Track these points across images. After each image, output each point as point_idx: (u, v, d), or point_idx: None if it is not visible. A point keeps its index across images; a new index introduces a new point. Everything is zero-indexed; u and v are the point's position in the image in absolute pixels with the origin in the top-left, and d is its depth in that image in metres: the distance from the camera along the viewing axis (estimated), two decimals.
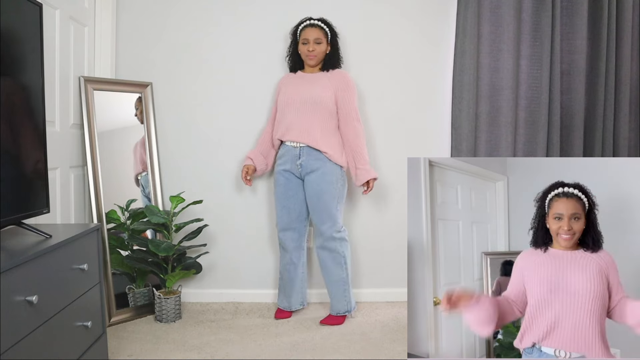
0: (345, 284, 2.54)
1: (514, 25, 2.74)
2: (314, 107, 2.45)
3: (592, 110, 2.85)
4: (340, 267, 2.52)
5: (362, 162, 2.47)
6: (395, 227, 2.83)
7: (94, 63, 2.65)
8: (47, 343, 1.44)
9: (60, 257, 1.55)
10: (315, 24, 2.51)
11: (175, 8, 2.78)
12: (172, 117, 2.80)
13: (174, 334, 2.38)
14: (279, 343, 2.29)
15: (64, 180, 2.35)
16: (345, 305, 2.55)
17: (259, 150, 2.64)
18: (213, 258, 2.84)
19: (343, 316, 2.57)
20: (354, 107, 2.50)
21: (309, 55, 2.50)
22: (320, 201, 2.45)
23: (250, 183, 2.64)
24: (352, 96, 2.51)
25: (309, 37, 2.49)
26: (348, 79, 2.53)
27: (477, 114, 2.80)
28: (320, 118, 2.45)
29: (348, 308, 2.55)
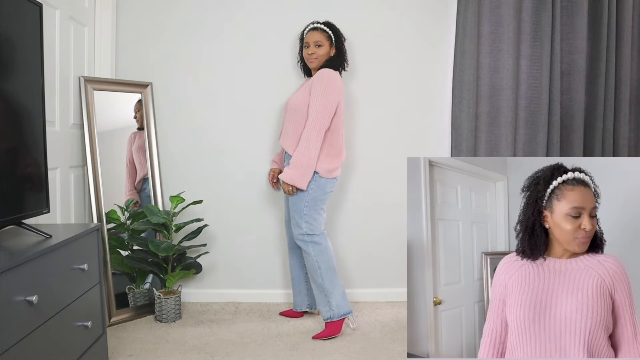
0: (322, 289, 2.40)
1: (514, 25, 2.74)
2: (294, 112, 2.42)
3: (592, 110, 2.85)
4: (315, 272, 2.40)
5: (291, 161, 2.34)
6: (395, 227, 2.83)
7: (94, 63, 2.65)
8: (47, 343, 1.44)
9: (60, 257, 1.55)
10: (317, 27, 2.50)
11: (175, 8, 2.78)
12: (172, 116, 2.80)
13: (174, 334, 2.38)
14: (279, 343, 2.29)
15: (64, 180, 2.35)
16: (328, 310, 2.39)
17: (282, 152, 2.68)
18: (213, 258, 2.84)
19: (335, 325, 2.40)
20: (315, 106, 2.32)
21: (309, 58, 2.50)
22: (289, 204, 2.44)
23: (277, 186, 2.71)
24: (316, 94, 2.33)
25: (309, 40, 2.49)
26: (321, 76, 2.36)
27: (477, 114, 2.80)
28: (296, 123, 2.41)
29: (331, 315, 2.39)
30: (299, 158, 2.31)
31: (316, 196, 2.38)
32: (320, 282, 2.40)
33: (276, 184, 2.72)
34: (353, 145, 2.84)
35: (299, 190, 2.36)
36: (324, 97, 2.33)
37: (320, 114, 2.32)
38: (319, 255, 2.40)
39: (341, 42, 2.53)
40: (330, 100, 2.34)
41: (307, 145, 2.30)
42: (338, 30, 2.53)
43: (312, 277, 2.44)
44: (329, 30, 2.49)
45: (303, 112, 2.38)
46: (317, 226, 2.40)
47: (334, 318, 2.39)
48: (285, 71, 2.79)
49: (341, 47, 2.53)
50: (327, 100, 2.33)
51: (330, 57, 2.49)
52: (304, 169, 2.31)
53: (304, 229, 2.39)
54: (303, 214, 2.38)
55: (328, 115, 2.34)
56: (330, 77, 2.36)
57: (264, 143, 2.83)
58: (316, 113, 2.32)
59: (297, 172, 2.31)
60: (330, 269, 2.41)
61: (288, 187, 2.35)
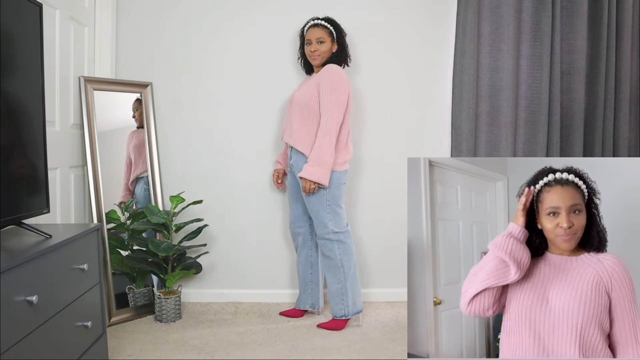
0: (341, 288, 2.44)
1: (514, 25, 2.74)
2: (301, 108, 2.43)
3: (592, 110, 2.85)
4: (338, 271, 2.44)
5: (310, 159, 2.35)
6: (395, 227, 2.83)
7: (94, 63, 2.65)
8: (47, 343, 1.44)
9: (60, 257, 1.55)
10: (318, 23, 2.49)
11: (175, 8, 2.78)
12: (172, 116, 2.80)
13: (174, 334, 2.38)
14: (279, 343, 2.29)
15: (64, 180, 2.35)
16: (342, 308, 2.46)
17: (285, 152, 2.68)
18: (213, 258, 2.84)
19: (343, 320, 2.48)
20: (328, 103, 2.34)
21: (311, 55, 2.49)
22: (309, 204, 2.43)
23: (282, 186, 2.72)
24: (328, 91, 2.35)
25: (311, 37, 2.48)
26: (330, 72, 2.39)
27: (477, 114, 2.80)
28: (303, 119, 2.42)
29: (345, 313, 2.46)
30: (319, 155, 2.31)
31: (334, 191, 2.42)
32: (342, 280, 2.44)
33: (281, 185, 2.72)
34: (353, 145, 2.83)
35: (320, 187, 2.37)
36: (336, 92, 2.36)
37: (335, 110, 2.35)
38: (344, 254, 2.43)
39: (342, 37, 2.53)
40: (342, 95, 2.38)
41: (327, 141, 2.33)
42: (339, 25, 2.52)
43: (333, 276, 2.46)
44: (330, 25, 2.49)
45: (311, 107, 2.40)
46: (341, 221, 2.44)
47: (347, 316, 2.46)
48: (285, 71, 2.79)
49: (343, 42, 2.53)
50: (339, 96, 2.37)
51: (333, 52, 2.50)
52: (326, 165, 2.32)
53: (330, 227, 2.41)
54: (327, 212, 2.40)
55: (341, 111, 2.38)
56: (338, 72, 2.40)
57: (264, 143, 2.83)
58: (331, 109, 2.35)
59: (319, 169, 2.32)
60: (352, 268, 2.47)
61: (310, 185, 2.34)
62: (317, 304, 2.63)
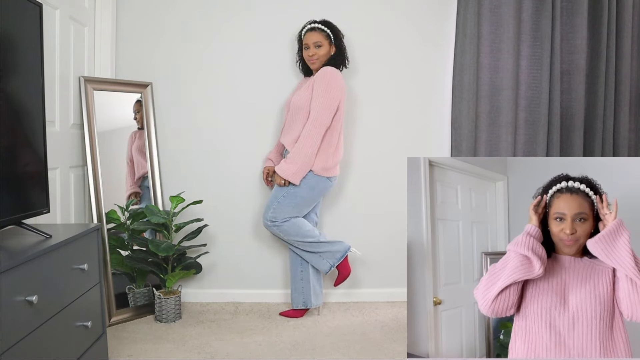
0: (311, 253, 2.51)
1: (514, 25, 2.74)
2: (297, 111, 2.46)
3: (592, 110, 2.85)
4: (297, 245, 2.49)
5: (288, 156, 2.41)
6: (395, 227, 2.83)
7: (94, 63, 2.65)
8: (47, 343, 1.44)
9: (60, 257, 1.55)
10: (315, 27, 2.50)
11: (175, 8, 2.78)
12: (172, 116, 2.80)
13: (174, 334, 2.38)
14: (279, 343, 2.29)
15: (64, 180, 2.35)
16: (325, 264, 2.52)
17: (277, 150, 2.70)
18: (213, 258, 2.84)
19: (343, 265, 2.54)
20: (316, 104, 2.36)
21: (310, 59, 2.51)
22: (275, 189, 2.49)
23: (271, 184, 2.71)
24: (318, 93, 2.37)
25: (309, 41, 2.50)
26: (323, 75, 2.40)
27: (477, 114, 2.80)
28: (299, 121, 2.44)
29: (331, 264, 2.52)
30: (296, 154, 2.37)
31: (303, 195, 2.43)
32: (307, 249, 2.49)
33: (271, 182, 2.71)
34: (353, 145, 2.84)
35: (291, 184, 2.41)
36: (326, 95, 2.36)
37: (322, 112, 2.36)
38: (289, 230, 2.46)
39: (340, 39, 2.54)
40: (333, 98, 2.38)
41: (306, 142, 2.36)
42: (336, 28, 2.53)
43: (301, 250, 2.50)
44: (327, 29, 2.50)
45: (306, 110, 2.42)
46: (282, 216, 2.45)
47: (335, 264, 2.52)
48: (285, 71, 2.79)
49: (341, 44, 2.54)
50: (329, 99, 2.37)
51: (331, 55, 2.52)
52: (299, 165, 2.37)
53: (270, 213, 2.46)
54: (278, 201, 2.44)
55: (329, 114, 2.39)
56: (332, 75, 2.40)
57: (264, 143, 2.82)
58: (317, 111, 2.36)
59: (292, 167, 2.37)
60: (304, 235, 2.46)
61: (281, 180, 2.41)
62: (309, 301, 2.61)
